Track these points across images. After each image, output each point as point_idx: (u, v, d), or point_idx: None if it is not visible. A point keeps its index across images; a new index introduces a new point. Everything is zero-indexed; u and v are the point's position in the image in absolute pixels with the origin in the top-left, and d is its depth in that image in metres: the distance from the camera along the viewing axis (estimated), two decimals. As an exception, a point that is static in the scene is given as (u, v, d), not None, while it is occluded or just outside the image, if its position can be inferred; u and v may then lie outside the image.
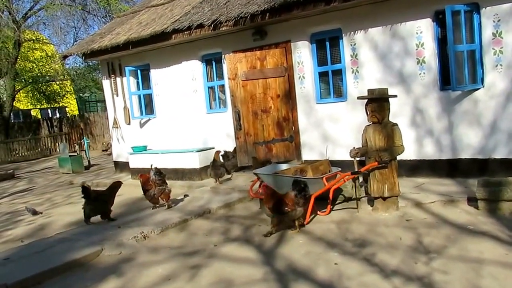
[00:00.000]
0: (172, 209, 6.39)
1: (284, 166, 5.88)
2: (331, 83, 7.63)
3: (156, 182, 6.52)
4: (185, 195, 7.27)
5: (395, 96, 5.51)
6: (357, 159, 5.40)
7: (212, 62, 9.09)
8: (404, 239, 4.44)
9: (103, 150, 19.16)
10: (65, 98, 25.53)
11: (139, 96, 10.42)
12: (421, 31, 6.56)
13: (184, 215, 6.01)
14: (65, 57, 11.12)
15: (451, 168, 6.51)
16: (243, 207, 6.44)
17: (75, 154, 13.18)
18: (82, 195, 5.94)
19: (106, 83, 11.01)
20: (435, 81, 6.56)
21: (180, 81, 9.43)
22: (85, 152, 13.45)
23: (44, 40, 22.55)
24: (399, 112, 6.58)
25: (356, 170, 5.42)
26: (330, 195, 5.49)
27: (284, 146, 8.03)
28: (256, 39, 8.02)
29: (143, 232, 5.32)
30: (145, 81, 10.35)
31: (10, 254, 4.94)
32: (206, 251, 4.74)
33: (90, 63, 26.54)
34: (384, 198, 5.38)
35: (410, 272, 3.67)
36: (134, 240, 5.15)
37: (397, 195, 5.38)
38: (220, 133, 8.91)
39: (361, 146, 5.53)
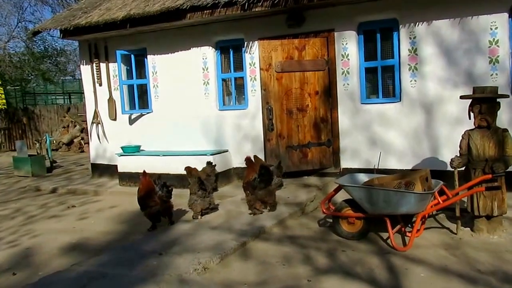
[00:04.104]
0: (215, 228, 5.06)
1: (362, 176, 4.81)
2: (380, 81, 6.70)
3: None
4: (212, 208, 5.95)
5: (507, 96, 4.69)
6: (458, 169, 4.54)
7: (230, 50, 7.79)
8: (561, 273, 3.58)
9: (52, 150, 16.83)
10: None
11: (130, 87, 8.81)
12: (496, 27, 5.83)
13: (238, 236, 4.70)
14: (35, 33, 9.17)
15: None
16: (298, 224, 5.30)
17: (36, 153, 11.11)
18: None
19: (85, 70, 9.22)
20: (507, 83, 5.86)
21: (186, 71, 8.01)
22: (47, 151, 11.41)
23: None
24: (463, 117, 5.70)
25: (457, 182, 4.54)
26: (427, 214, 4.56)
27: (321, 151, 6.96)
28: (291, 25, 6.89)
29: (200, 262, 3.99)
30: (139, 68, 8.77)
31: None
32: (304, 290, 3.56)
33: (35, 51, 23.80)
34: (488, 217, 4.53)
35: None
36: (196, 274, 3.81)
37: (504, 213, 4.56)
38: (236, 134, 7.64)
39: (459, 155, 4.67)
